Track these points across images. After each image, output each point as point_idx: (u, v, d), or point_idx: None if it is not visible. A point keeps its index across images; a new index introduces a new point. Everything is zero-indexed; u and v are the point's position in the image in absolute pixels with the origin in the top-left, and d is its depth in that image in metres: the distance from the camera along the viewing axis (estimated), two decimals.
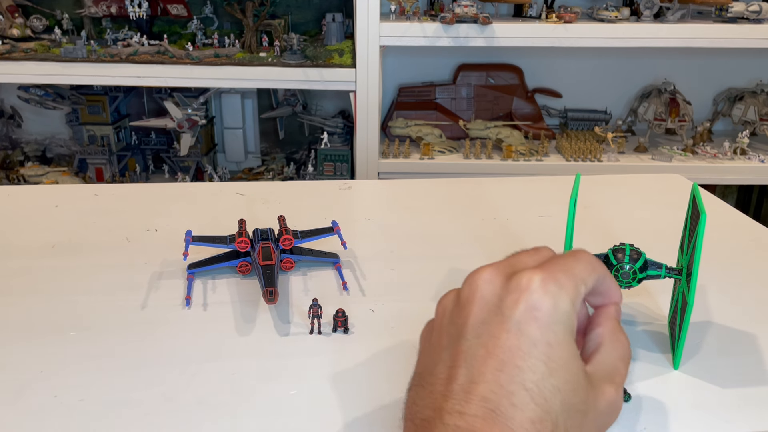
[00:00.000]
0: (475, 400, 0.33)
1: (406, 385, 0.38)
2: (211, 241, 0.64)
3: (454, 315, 0.38)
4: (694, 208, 0.50)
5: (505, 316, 0.35)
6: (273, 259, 0.59)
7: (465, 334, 0.36)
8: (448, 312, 0.39)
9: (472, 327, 0.36)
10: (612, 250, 0.51)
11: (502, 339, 0.34)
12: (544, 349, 0.34)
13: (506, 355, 0.34)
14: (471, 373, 0.34)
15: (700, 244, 0.47)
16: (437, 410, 0.34)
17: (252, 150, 2.02)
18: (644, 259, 0.51)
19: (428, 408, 0.34)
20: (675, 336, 0.51)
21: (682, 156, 1.74)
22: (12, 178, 1.82)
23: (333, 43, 1.66)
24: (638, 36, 1.61)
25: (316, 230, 0.67)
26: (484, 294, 0.37)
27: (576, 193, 0.52)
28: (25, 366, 0.50)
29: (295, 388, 0.48)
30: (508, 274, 0.37)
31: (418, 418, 0.35)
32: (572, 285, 0.36)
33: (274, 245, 0.61)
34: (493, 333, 0.35)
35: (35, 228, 0.75)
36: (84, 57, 1.60)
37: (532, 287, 0.35)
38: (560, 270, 0.36)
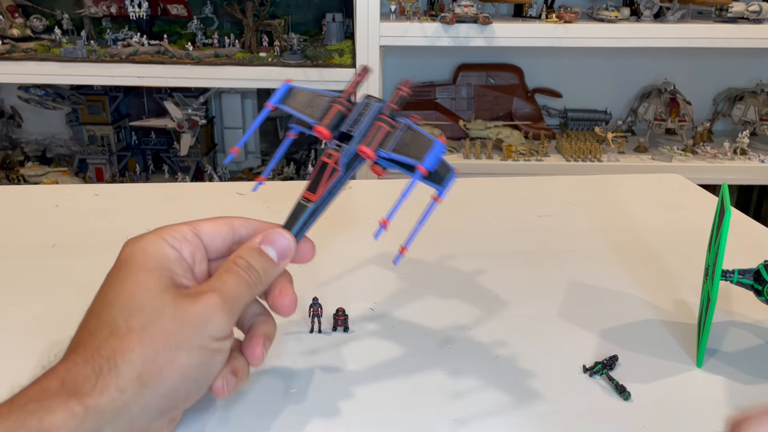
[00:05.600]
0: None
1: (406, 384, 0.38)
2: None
3: None
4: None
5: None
6: (317, 194, 0.44)
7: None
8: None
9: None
10: (764, 266, 0.50)
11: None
12: (112, 275, 0.39)
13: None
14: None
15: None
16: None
17: (252, 150, 2.01)
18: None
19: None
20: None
21: (682, 156, 1.74)
22: (12, 178, 1.82)
23: (333, 43, 1.66)
24: (638, 36, 1.61)
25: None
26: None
27: (728, 205, 0.49)
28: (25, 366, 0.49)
29: (294, 386, 0.47)
30: None
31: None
32: (160, 229, 0.41)
33: (345, 156, 0.44)
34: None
35: (35, 228, 0.75)
36: (84, 57, 1.60)
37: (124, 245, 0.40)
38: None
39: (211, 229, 0.42)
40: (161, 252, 0.39)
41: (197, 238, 0.42)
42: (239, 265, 0.40)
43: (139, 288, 0.37)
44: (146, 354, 0.35)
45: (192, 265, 0.41)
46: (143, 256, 0.39)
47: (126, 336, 0.35)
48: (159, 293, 0.37)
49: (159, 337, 0.36)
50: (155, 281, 0.37)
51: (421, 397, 0.47)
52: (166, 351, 0.36)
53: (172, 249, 0.40)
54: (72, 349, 0.36)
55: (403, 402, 0.46)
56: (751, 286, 0.51)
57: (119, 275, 0.38)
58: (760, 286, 0.51)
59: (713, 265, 0.50)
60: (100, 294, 0.38)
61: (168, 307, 0.36)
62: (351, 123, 0.44)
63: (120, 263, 0.39)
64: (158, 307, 0.36)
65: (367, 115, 0.44)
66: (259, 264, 0.40)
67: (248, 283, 0.40)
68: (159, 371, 0.35)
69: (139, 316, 0.36)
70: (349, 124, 0.44)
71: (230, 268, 0.40)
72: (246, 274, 0.40)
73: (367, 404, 0.46)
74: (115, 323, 0.36)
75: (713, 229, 0.54)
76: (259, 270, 0.40)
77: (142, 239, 0.40)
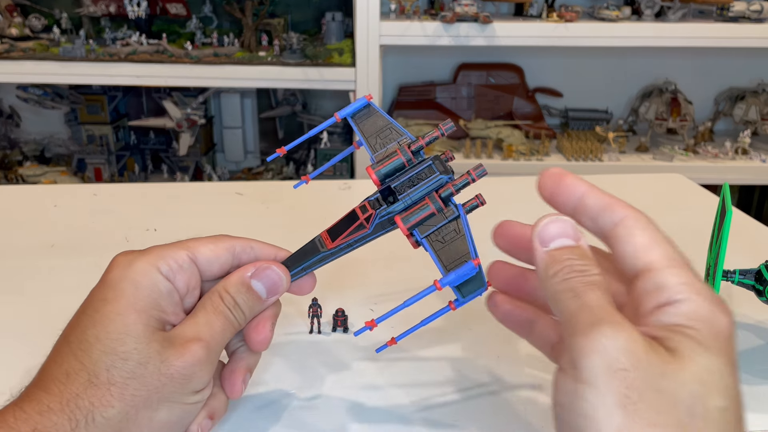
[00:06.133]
0: (38, 370, 0.36)
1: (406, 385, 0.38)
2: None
3: None
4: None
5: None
6: (335, 243, 0.41)
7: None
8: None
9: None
10: (765, 266, 0.50)
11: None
12: (96, 305, 0.36)
13: (70, 321, 0.37)
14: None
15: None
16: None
17: (251, 150, 2.01)
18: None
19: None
20: None
21: (684, 156, 1.73)
22: (11, 177, 1.81)
23: (333, 42, 1.65)
24: (639, 35, 1.61)
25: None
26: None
27: (729, 205, 0.48)
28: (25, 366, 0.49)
29: (294, 387, 0.47)
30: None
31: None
32: (154, 252, 0.38)
33: (382, 214, 0.40)
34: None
35: (34, 228, 0.74)
36: (83, 56, 1.59)
37: (113, 260, 0.38)
38: (156, 246, 0.39)
39: (210, 255, 0.39)
40: (153, 285, 0.37)
41: (193, 265, 0.39)
42: (226, 304, 0.38)
43: (125, 334, 0.35)
44: (126, 410, 0.34)
45: (183, 296, 0.39)
46: (134, 289, 0.36)
47: (106, 388, 0.34)
48: (146, 342, 0.35)
49: (141, 393, 0.34)
50: (143, 326, 0.35)
51: (421, 397, 0.46)
52: (146, 408, 0.35)
53: (165, 281, 0.37)
54: (44, 386, 0.34)
55: (404, 402, 0.46)
56: (753, 286, 0.51)
57: (104, 309, 0.35)
58: (762, 287, 0.50)
59: (714, 265, 0.49)
60: (79, 325, 0.36)
61: (153, 359, 0.35)
62: (404, 183, 0.40)
63: (106, 290, 0.36)
64: (143, 360, 0.34)
65: (423, 185, 0.40)
66: (245, 302, 0.39)
67: (233, 324, 0.38)
68: (138, 429, 0.35)
69: (123, 367, 0.34)
70: (401, 183, 0.40)
71: (217, 307, 0.38)
72: (232, 315, 0.38)
73: (367, 404, 0.46)
74: (95, 370, 0.34)
75: (714, 230, 0.53)
76: (245, 309, 0.39)
77: (134, 264, 0.37)
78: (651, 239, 0.32)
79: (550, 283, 0.33)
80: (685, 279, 0.31)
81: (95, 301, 0.36)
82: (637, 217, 0.33)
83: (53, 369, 0.35)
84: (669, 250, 0.32)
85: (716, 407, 0.28)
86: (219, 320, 0.38)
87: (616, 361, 0.28)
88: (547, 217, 0.35)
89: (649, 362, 0.28)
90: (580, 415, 0.28)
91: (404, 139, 0.42)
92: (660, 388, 0.28)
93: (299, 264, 0.41)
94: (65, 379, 0.34)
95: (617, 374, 0.28)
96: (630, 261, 0.32)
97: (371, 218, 0.40)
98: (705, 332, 0.29)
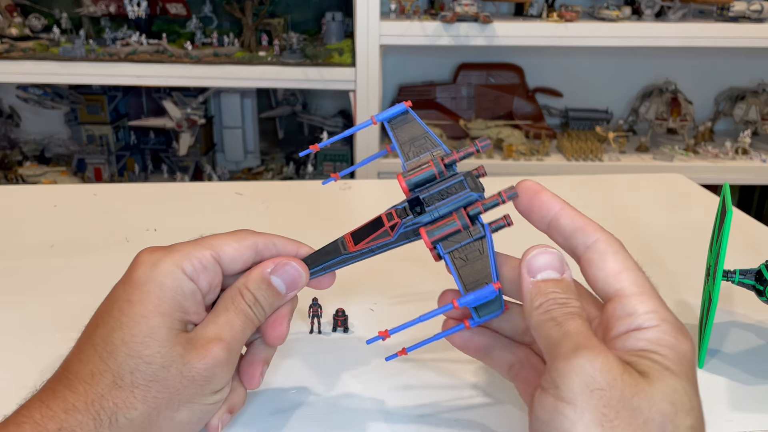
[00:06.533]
0: (61, 364, 0.36)
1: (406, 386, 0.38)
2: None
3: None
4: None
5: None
6: (358, 246, 0.41)
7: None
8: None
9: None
10: (765, 266, 0.50)
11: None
12: (122, 305, 0.36)
13: (92, 317, 0.37)
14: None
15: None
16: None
17: (251, 150, 2.01)
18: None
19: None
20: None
21: (684, 156, 1.73)
22: (10, 177, 1.81)
23: (333, 42, 1.65)
24: (639, 35, 1.61)
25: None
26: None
27: (730, 205, 0.48)
28: (25, 366, 0.49)
29: (294, 387, 0.47)
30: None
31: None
32: (179, 251, 0.38)
33: (407, 222, 0.40)
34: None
35: (34, 228, 0.74)
36: (82, 56, 1.59)
37: (138, 257, 0.38)
38: (180, 243, 0.39)
39: (234, 253, 0.40)
40: (178, 287, 0.37)
41: (217, 264, 0.39)
42: (247, 301, 0.39)
43: (149, 337, 0.35)
44: (148, 412, 0.35)
45: (206, 294, 0.39)
46: (159, 291, 0.36)
47: (130, 391, 0.35)
48: (169, 345, 0.36)
49: (163, 395, 0.35)
50: (167, 329, 0.36)
51: (422, 397, 0.46)
52: (168, 409, 0.36)
53: (189, 282, 0.37)
54: (69, 383, 0.35)
55: (404, 402, 0.46)
56: (753, 286, 0.51)
57: (130, 311, 0.36)
58: (762, 287, 0.50)
59: (714, 265, 0.49)
60: (105, 326, 0.36)
61: (176, 362, 0.35)
62: (433, 195, 0.40)
63: (132, 290, 0.37)
64: (166, 363, 0.35)
65: (452, 201, 0.39)
66: (265, 298, 0.39)
67: (253, 321, 0.39)
68: (159, 429, 0.36)
69: (146, 370, 0.35)
70: (430, 195, 0.40)
71: (238, 305, 0.39)
72: (252, 312, 0.39)
73: (368, 405, 0.46)
74: (119, 372, 0.35)
75: (714, 229, 0.53)
76: (265, 305, 0.39)
77: (159, 265, 0.37)
78: (622, 266, 0.35)
79: (534, 313, 0.35)
80: (652, 307, 0.33)
81: (120, 301, 0.36)
82: (609, 241, 0.36)
83: (78, 368, 0.36)
84: (638, 277, 0.35)
85: (685, 426, 0.30)
86: (240, 318, 0.38)
87: (594, 382, 0.30)
88: (537, 247, 0.37)
89: (623, 382, 0.30)
90: (559, 431, 0.30)
91: (438, 151, 0.41)
92: (634, 407, 0.30)
93: (320, 263, 0.41)
94: (90, 379, 0.35)
95: (594, 393, 0.30)
96: (601, 286, 0.35)
97: (396, 227, 0.40)
98: (670, 357, 0.32)
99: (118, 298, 0.37)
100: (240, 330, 0.38)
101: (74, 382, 0.35)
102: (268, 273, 0.40)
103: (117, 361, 0.35)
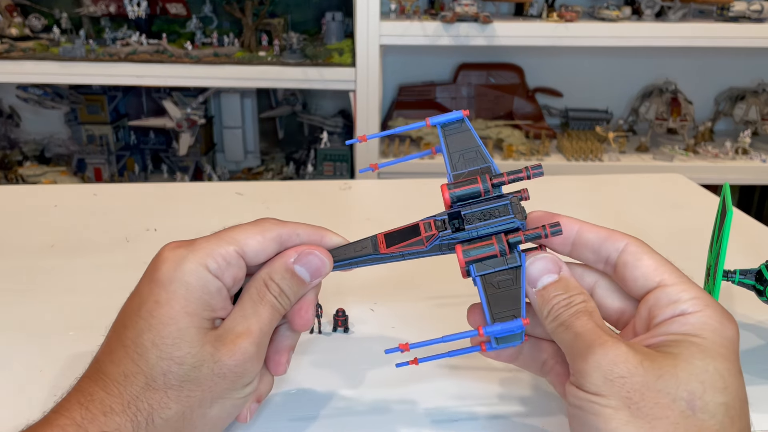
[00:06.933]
0: (92, 363, 0.37)
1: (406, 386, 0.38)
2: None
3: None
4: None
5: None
6: (390, 249, 0.40)
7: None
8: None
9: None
10: (766, 266, 0.50)
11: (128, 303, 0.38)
12: (150, 307, 0.36)
13: (120, 315, 0.38)
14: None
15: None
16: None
17: (251, 150, 2.01)
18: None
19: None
20: None
21: (684, 156, 1.73)
22: (10, 177, 1.81)
23: (333, 42, 1.65)
24: (639, 35, 1.61)
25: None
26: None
27: (730, 205, 0.48)
28: (25, 366, 0.49)
29: (294, 388, 0.47)
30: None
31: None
32: (203, 248, 0.37)
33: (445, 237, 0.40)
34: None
35: (34, 228, 0.74)
36: (83, 56, 1.59)
37: (161, 254, 0.38)
38: (203, 238, 0.38)
39: (258, 247, 0.39)
40: (204, 287, 0.37)
41: (241, 259, 0.39)
42: (272, 292, 0.39)
43: (180, 339, 0.36)
44: (182, 411, 0.36)
45: (230, 289, 0.39)
46: (185, 291, 0.36)
47: (163, 392, 0.35)
48: (199, 345, 0.36)
49: (196, 394, 0.36)
50: (196, 329, 0.36)
51: (422, 397, 0.46)
52: (201, 407, 0.36)
53: (215, 279, 0.37)
54: (104, 385, 0.35)
55: (404, 403, 0.46)
56: (753, 286, 0.51)
57: (158, 313, 0.36)
58: (762, 287, 0.50)
59: (715, 265, 0.49)
60: (134, 327, 0.36)
61: (207, 362, 0.36)
62: (475, 213, 0.39)
63: (158, 291, 0.36)
64: (197, 363, 0.36)
65: (494, 224, 0.39)
66: (290, 288, 0.39)
67: (279, 311, 0.39)
68: (193, 427, 0.36)
69: (178, 371, 0.35)
70: (472, 213, 0.39)
71: (263, 296, 0.39)
72: (278, 302, 0.39)
73: (368, 405, 0.46)
74: (151, 374, 0.35)
75: (715, 230, 0.53)
76: (290, 295, 0.39)
77: (183, 265, 0.37)
78: (658, 262, 0.37)
79: (546, 322, 0.37)
80: (695, 294, 0.35)
81: (148, 302, 0.36)
82: (637, 243, 0.38)
83: (110, 369, 0.36)
84: (675, 270, 0.37)
85: (716, 402, 0.32)
86: (266, 310, 0.38)
87: (612, 372, 0.33)
88: (529, 256, 0.39)
89: (645, 369, 0.32)
90: (592, 414, 0.33)
91: (487, 168, 0.40)
92: (659, 389, 0.32)
93: (348, 257, 0.41)
94: (123, 381, 0.35)
95: (616, 382, 0.32)
96: (641, 283, 0.37)
97: (432, 238, 0.39)
98: (711, 340, 0.34)
99: (145, 298, 0.37)
100: (267, 322, 0.38)
101: (108, 383, 0.35)
102: (291, 263, 0.40)
103: (149, 363, 0.35)
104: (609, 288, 0.40)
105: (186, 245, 0.38)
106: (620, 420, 0.32)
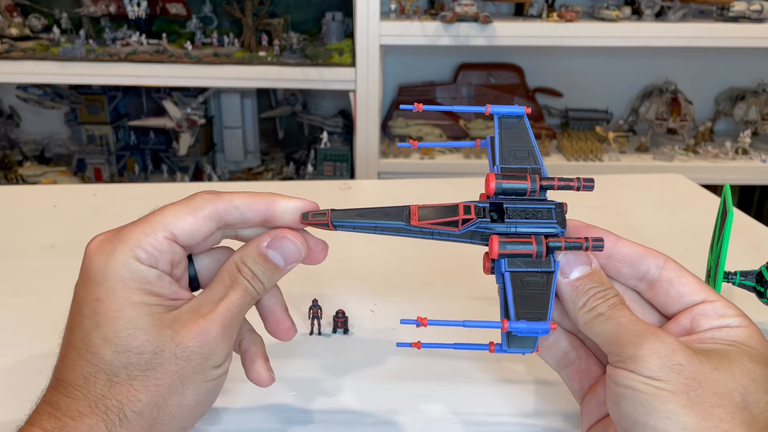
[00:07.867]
0: (52, 374, 0.36)
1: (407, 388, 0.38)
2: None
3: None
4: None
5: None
6: (421, 224, 0.39)
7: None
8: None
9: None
10: (766, 267, 0.50)
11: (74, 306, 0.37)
12: (92, 305, 0.35)
13: (67, 321, 0.37)
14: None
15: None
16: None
17: (251, 150, 2.01)
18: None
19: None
20: None
21: (684, 156, 1.73)
22: (10, 178, 1.81)
23: (333, 42, 1.65)
24: (639, 35, 1.61)
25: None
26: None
27: (730, 207, 0.48)
28: (25, 366, 0.49)
29: (294, 389, 0.47)
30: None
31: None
32: (131, 239, 0.36)
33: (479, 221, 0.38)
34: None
35: (34, 228, 0.74)
36: (82, 56, 1.59)
37: (88, 250, 0.37)
38: (130, 225, 0.38)
39: (190, 228, 0.38)
40: (139, 277, 0.35)
41: (174, 243, 0.37)
42: (244, 275, 0.38)
43: (134, 329, 0.34)
44: (154, 400, 0.35)
45: (171, 272, 0.37)
46: (122, 284, 0.35)
47: (129, 384, 0.34)
48: (156, 331, 0.35)
49: (163, 381, 0.35)
50: (148, 316, 0.35)
51: (422, 398, 0.46)
52: (173, 394, 0.35)
53: (149, 268, 0.36)
54: (65, 391, 0.35)
55: (405, 404, 0.46)
56: (754, 288, 0.51)
57: (102, 309, 0.35)
58: (762, 288, 0.50)
59: (715, 266, 0.49)
60: (81, 328, 0.35)
61: (168, 345, 0.35)
62: (517, 210, 0.38)
63: (96, 288, 0.35)
64: (157, 350, 0.35)
65: (536, 224, 0.38)
66: (263, 273, 0.38)
67: (252, 295, 0.38)
68: (170, 416, 0.35)
69: (139, 361, 0.34)
70: (515, 209, 0.38)
71: (235, 279, 0.38)
72: (251, 286, 0.38)
73: (368, 406, 0.46)
74: (111, 370, 0.34)
75: (715, 231, 0.53)
76: (263, 279, 0.39)
77: (112, 259, 0.35)
78: (697, 281, 0.39)
79: (580, 313, 0.37)
80: (739, 312, 0.37)
81: (89, 301, 0.35)
82: (674, 261, 0.39)
83: (68, 375, 0.35)
84: (713, 289, 0.39)
85: (765, 401, 0.34)
86: (237, 293, 0.38)
87: (671, 360, 0.33)
88: (558, 254, 0.38)
89: (700, 360, 0.33)
90: (649, 395, 0.33)
91: (537, 169, 0.39)
92: (716, 378, 0.33)
93: (374, 219, 0.39)
94: (84, 383, 0.34)
95: (674, 368, 0.33)
96: (686, 298, 0.38)
97: (468, 223, 0.38)
98: (758, 351, 0.35)
99: (84, 298, 0.36)
100: (238, 304, 0.37)
101: (69, 389, 0.34)
102: (264, 247, 0.39)
103: (105, 360, 0.34)
104: (633, 300, 0.40)
105: (112, 237, 0.37)
106: (678, 403, 0.32)
